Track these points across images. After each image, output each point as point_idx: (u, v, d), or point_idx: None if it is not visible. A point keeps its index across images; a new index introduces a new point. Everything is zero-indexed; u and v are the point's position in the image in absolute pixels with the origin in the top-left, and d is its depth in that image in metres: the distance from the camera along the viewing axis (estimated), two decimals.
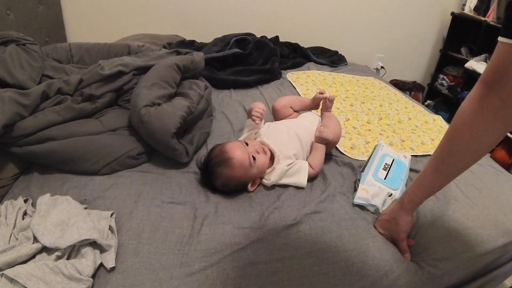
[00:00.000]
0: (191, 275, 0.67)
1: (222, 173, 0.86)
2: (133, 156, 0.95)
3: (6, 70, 0.96)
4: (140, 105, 0.96)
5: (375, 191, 0.90)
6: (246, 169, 0.87)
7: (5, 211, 0.73)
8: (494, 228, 0.89)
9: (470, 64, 2.17)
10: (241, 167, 0.86)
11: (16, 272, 0.58)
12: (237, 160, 0.85)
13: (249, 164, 0.87)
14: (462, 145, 0.63)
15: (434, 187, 0.73)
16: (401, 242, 0.79)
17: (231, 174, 0.86)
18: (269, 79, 1.71)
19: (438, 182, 0.71)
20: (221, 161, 0.86)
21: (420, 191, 0.74)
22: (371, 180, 0.92)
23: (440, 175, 0.70)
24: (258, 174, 0.91)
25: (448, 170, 0.68)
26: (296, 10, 2.21)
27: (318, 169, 0.97)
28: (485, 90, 0.58)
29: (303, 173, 0.93)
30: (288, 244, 0.76)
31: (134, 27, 1.96)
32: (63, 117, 0.96)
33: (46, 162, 0.90)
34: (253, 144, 0.93)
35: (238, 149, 0.88)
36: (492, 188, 1.03)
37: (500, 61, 0.54)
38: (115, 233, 0.72)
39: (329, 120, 1.11)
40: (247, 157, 0.87)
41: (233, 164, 0.85)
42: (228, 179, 0.86)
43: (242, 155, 0.87)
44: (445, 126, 1.42)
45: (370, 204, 0.89)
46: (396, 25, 2.45)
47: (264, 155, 0.93)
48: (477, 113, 0.59)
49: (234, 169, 0.85)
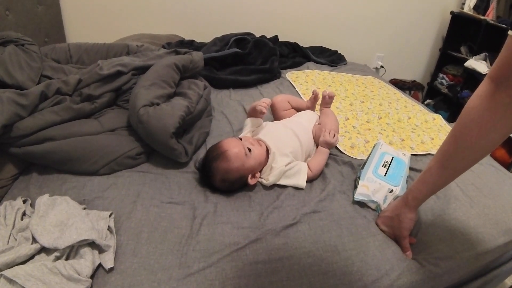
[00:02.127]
0: (189, 276, 0.67)
1: (219, 167, 0.85)
2: (132, 156, 0.95)
3: (5, 71, 0.96)
4: (139, 105, 0.96)
5: (376, 187, 0.90)
6: (243, 160, 0.87)
7: (4, 212, 0.73)
8: (494, 227, 0.88)
9: (470, 63, 2.16)
10: (237, 157, 0.86)
11: (15, 272, 0.58)
12: (232, 151, 0.86)
13: (245, 154, 0.87)
14: (470, 142, 0.63)
15: (439, 184, 0.72)
16: (403, 240, 0.79)
17: (228, 166, 0.85)
18: (269, 78, 1.71)
19: (444, 178, 0.71)
20: (216, 155, 0.86)
21: (424, 188, 0.73)
22: (371, 177, 0.93)
23: (446, 172, 0.69)
24: (256, 165, 0.90)
25: (455, 167, 0.68)
26: (295, 9, 2.21)
27: (317, 172, 0.97)
28: (493, 86, 0.57)
29: (302, 175, 0.93)
30: (287, 244, 0.76)
31: (133, 27, 1.95)
32: (62, 117, 0.96)
33: (45, 162, 0.90)
34: (246, 138, 0.95)
35: (232, 141, 0.89)
36: (492, 187, 1.03)
37: (509, 57, 0.53)
38: (114, 233, 0.72)
39: (326, 117, 1.11)
40: (242, 148, 0.87)
41: (228, 156, 0.85)
42: (226, 172, 0.85)
43: (237, 146, 0.88)
44: (445, 125, 1.42)
45: (371, 200, 0.89)
46: (396, 24, 2.45)
47: (259, 146, 0.94)
48: (485, 110, 0.58)
49: (231, 160, 0.85)
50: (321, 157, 0.99)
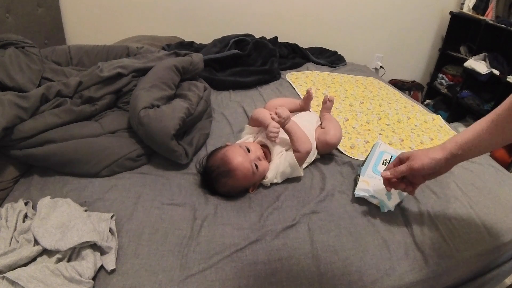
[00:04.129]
0: (190, 277, 0.67)
1: (226, 184, 0.87)
2: (132, 158, 0.96)
3: (6, 73, 0.97)
4: (139, 107, 0.96)
5: (376, 183, 0.91)
6: (250, 178, 0.88)
7: (6, 214, 0.73)
8: (494, 227, 0.89)
9: (469, 63, 2.17)
10: (245, 177, 0.87)
11: (17, 274, 0.59)
12: (241, 171, 0.86)
13: (252, 173, 0.88)
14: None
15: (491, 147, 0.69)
16: (422, 183, 0.77)
17: (234, 184, 0.87)
18: (268, 79, 1.71)
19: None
20: (225, 172, 0.86)
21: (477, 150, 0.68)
22: (371, 173, 0.93)
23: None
24: (259, 179, 0.93)
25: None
26: (294, 10, 2.21)
27: (304, 150, 0.94)
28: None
29: (296, 168, 0.94)
30: (287, 245, 0.76)
31: (133, 29, 1.96)
32: (62, 120, 0.96)
33: (46, 164, 0.91)
34: (254, 150, 0.93)
35: (241, 157, 0.87)
36: (492, 187, 1.03)
37: None
38: (115, 235, 0.72)
39: (329, 122, 1.12)
40: (250, 167, 0.87)
41: (237, 175, 0.86)
42: (232, 188, 0.88)
43: (245, 165, 0.87)
44: (444, 125, 1.42)
45: (372, 195, 0.89)
46: (395, 24, 2.45)
47: (265, 161, 0.94)
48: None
49: (239, 179, 0.86)
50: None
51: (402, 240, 0.82)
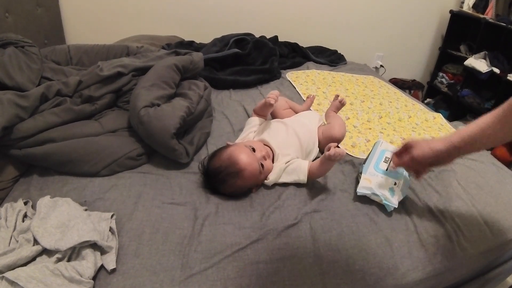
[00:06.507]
0: (191, 276, 0.67)
1: (234, 184, 0.86)
2: (133, 157, 0.95)
3: (5, 73, 0.96)
4: (139, 106, 0.96)
5: (378, 180, 0.91)
6: (257, 178, 0.89)
7: (5, 214, 0.73)
8: (496, 225, 0.88)
9: (470, 62, 2.16)
10: (252, 177, 0.87)
11: (16, 274, 0.58)
12: (249, 171, 0.86)
13: (259, 173, 0.88)
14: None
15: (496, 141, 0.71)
16: (426, 172, 0.82)
17: (242, 184, 0.87)
18: (269, 79, 1.71)
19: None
20: (233, 173, 0.85)
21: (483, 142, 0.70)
22: (373, 171, 0.93)
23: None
24: (263, 179, 0.93)
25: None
26: (295, 9, 2.21)
27: (315, 176, 0.94)
28: None
29: (302, 170, 0.92)
30: (289, 244, 0.76)
31: (133, 29, 1.95)
32: (62, 119, 0.96)
33: (45, 164, 0.90)
34: (259, 149, 0.92)
35: (249, 157, 0.87)
36: (493, 185, 1.03)
37: None
38: (115, 234, 0.72)
39: (334, 119, 1.11)
40: (257, 166, 0.87)
41: (245, 175, 0.85)
42: (239, 188, 0.88)
43: (254, 165, 0.87)
44: (445, 123, 1.42)
45: (374, 193, 0.89)
46: (395, 23, 2.45)
47: (269, 160, 0.94)
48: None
49: (247, 179, 0.86)
50: (324, 167, 0.91)
51: (404, 238, 0.81)
